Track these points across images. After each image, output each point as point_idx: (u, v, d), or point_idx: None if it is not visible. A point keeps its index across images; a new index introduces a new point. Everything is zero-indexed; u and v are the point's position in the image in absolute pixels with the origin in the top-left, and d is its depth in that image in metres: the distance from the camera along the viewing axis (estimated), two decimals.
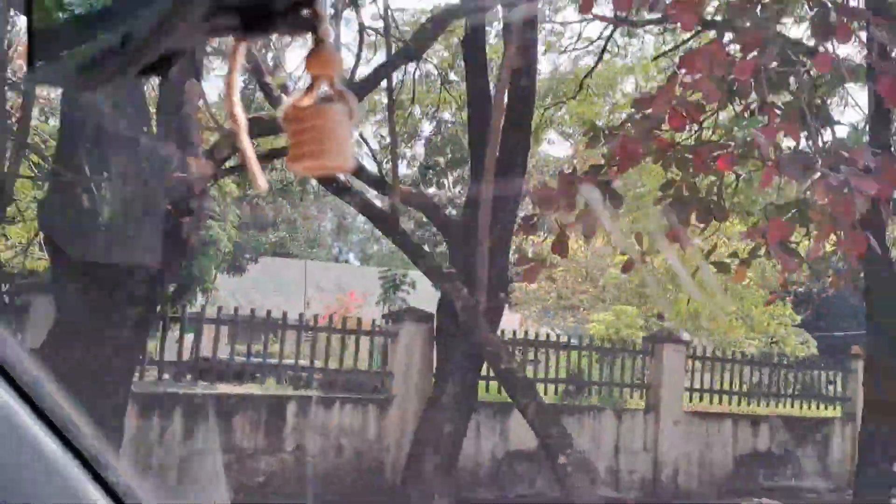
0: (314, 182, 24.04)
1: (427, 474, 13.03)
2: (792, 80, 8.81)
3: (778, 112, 8.23)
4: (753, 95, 8.72)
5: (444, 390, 13.30)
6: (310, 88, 0.89)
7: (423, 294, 32.55)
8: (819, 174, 7.22)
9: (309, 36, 0.86)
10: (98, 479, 1.37)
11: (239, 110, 0.90)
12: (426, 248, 19.24)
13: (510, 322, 27.71)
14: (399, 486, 13.67)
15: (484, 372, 13.84)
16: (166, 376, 13.84)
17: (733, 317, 22.99)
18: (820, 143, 8.20)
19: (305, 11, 0.84)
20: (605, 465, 16.02)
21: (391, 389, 14.86)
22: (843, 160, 7.27)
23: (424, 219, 22.98)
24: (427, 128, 32.74)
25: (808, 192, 7.93)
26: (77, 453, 1.35)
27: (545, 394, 15.76)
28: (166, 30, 0.80)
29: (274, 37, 0.89)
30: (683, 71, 8.34)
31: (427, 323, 15.04)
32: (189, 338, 14.36)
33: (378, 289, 37.46)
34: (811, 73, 8.91)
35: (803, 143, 8.37)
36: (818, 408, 19.19)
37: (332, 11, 12.90)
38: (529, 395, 11.60)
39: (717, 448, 17.38)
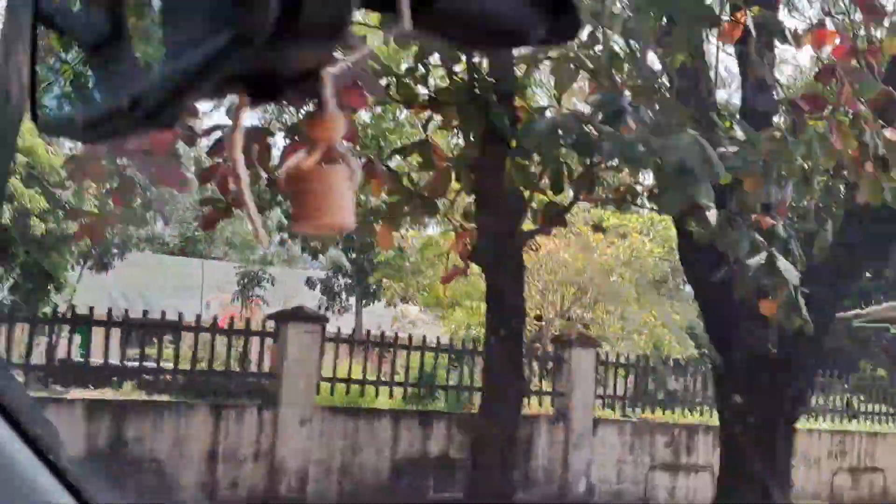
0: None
1: None
2: None
3: None
4: None
5: None
6: (311, 152, 0.93)
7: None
8: None
9: (313, 101, 0.91)
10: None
11: (242, 167, 0.95)
12: None
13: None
14: None
15: None
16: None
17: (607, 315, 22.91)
18: None
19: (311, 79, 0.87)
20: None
21: (274, 393, 14.21)
22: None
23: None
24: None
25: None
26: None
27: (391, 397, 15.66)
28: (177, 96, 0.82)
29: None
30: None
31: (317, 323, 14.58)
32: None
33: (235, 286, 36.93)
34: None
35: None
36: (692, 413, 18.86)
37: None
38: None
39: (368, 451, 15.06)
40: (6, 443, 1.40)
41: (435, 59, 11.04)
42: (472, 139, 11.46)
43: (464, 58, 10.74)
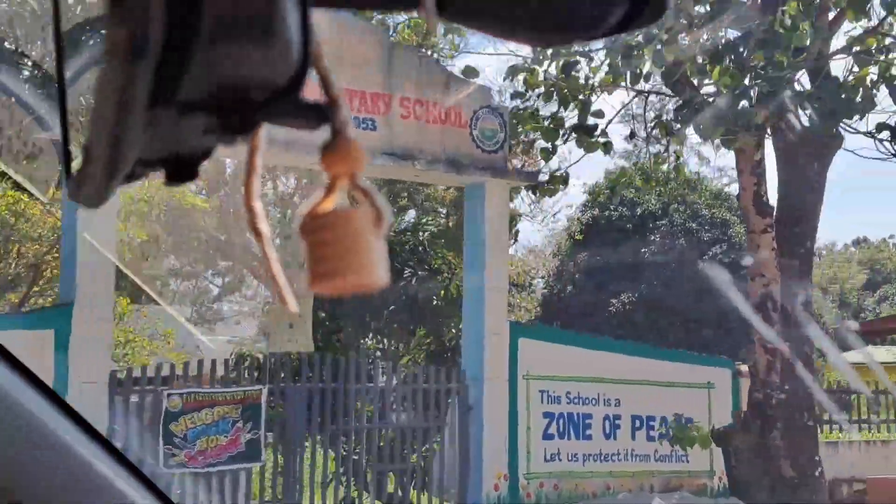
0: None
1: None
2: None
3: None
4: None
5: None
6: (328, 191, 0.74)
7: None
8: None
9: (324, 127, 0.72)
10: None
11: (263, 220, 0.76)
12: None
13: None
14: None
15: None
16: None
17: None
18: None
19: (319, 99, 0.70)
20: None
21: None
22: None
23: None
24: None
25: None
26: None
27: None
28: (166, 145, 0.70)
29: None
30: None
31: None
32: None
33: None
34: None
35: None
36: None
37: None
38: None
39: None
40: (82, 444, 1.37)
41: None
42: None
43: None
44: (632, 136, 16.45)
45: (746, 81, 11.89)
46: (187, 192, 21.23)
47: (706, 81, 12.62)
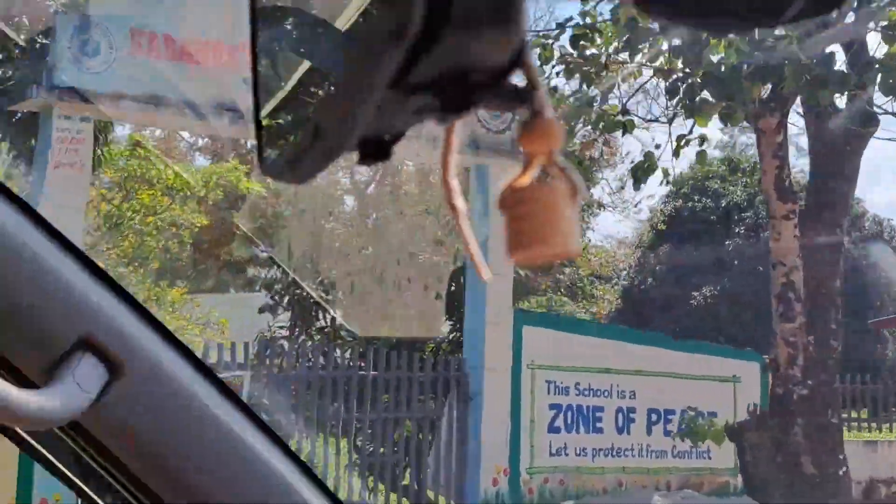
0: None
1: None
2: None
3: None
4: None
5: None
6: (526, 167, 0.77)
7: None
8: None
9: (522, 108, 0.74)
10: None
11: (459, 196, 0.78)
12: None
13: None
14: None
15: None
16: None
17: None
18: None
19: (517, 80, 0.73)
20: None
21: None
22: None
23: None
24: None
25: None
26: None
27: None
28: (353, 120, 0.74)
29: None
30: None
31: None
32: None
33: None
34: None
35: None
36: None
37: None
38: None
39: None
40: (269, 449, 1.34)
41: None
42: None
43: None
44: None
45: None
46: (242, 175, 21.27)
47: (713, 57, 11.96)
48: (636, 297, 28.46)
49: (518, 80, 0.73)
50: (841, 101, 12.95)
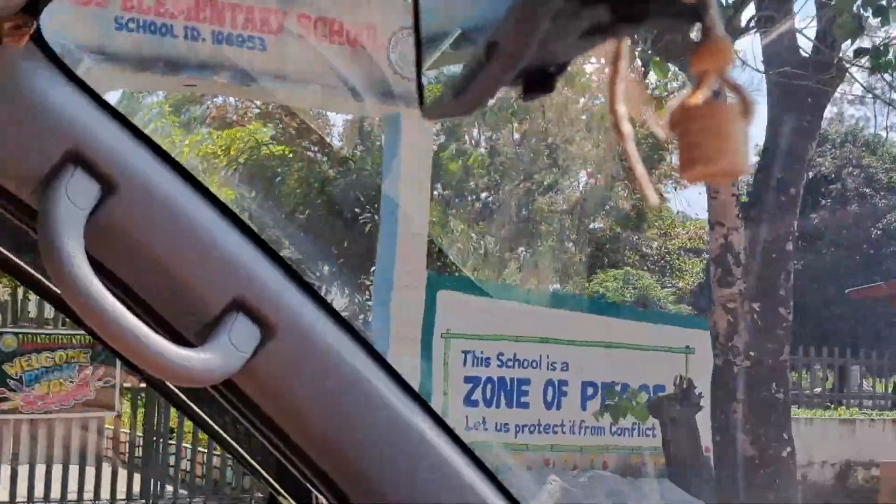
0: None
1: None
2: None
3: None
4: None
5: None
6: (699, 85, 0.75)
7: None
8: None
9: (695, 26, 0.74)
10: None
11: (625, 121, 0.77)
12: None
13: None
14: None
15: None
16: None
17: None
18: None
19: None
20: None
21: None
22: None
23: None
24: None
25: None
26: None
27: None
28: (525, 35, 0.73)
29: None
30: None
31: None
32: None
33: None
34: None
35: None
36: None
37: None
38: None
39: None
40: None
41: None
42: None
43: None
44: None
45: None
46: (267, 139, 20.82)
47: None
48: None
49: None
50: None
